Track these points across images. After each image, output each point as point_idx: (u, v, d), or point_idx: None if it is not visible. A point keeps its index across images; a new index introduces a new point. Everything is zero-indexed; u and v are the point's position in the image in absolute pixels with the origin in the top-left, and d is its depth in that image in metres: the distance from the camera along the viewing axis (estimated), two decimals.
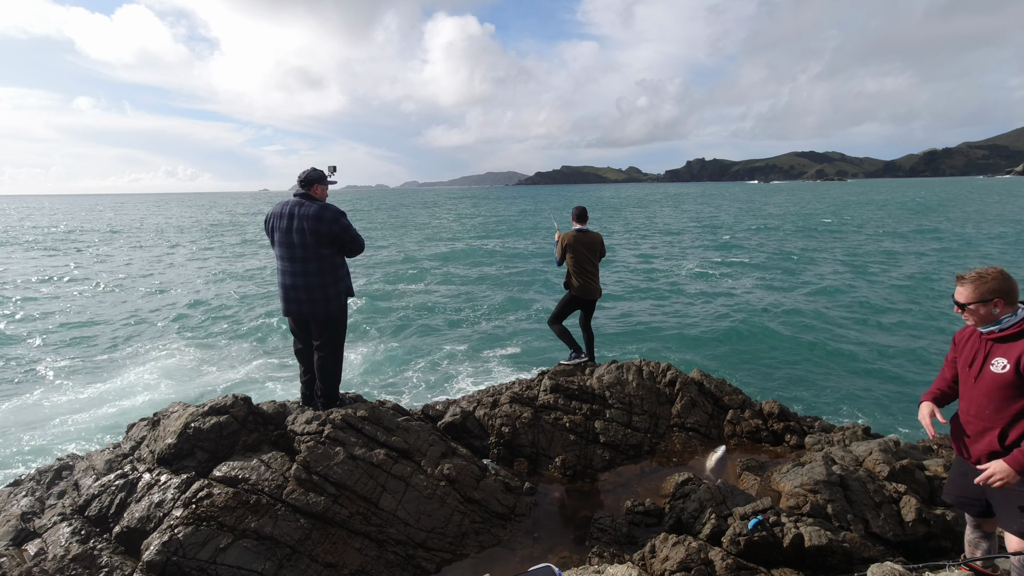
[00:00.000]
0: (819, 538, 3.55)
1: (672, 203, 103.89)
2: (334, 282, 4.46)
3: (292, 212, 4.36)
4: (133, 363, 13.74)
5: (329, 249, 4.41)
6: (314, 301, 4.43)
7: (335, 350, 4.66)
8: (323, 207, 4.35)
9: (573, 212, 6.49)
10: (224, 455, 4.24)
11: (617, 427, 5.59)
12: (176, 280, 26.15)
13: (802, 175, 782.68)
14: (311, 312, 4.49)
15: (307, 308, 4.47)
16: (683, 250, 34.75)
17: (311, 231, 4.30)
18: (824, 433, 5.64)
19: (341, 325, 4.66)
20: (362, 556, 3.85)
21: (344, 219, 4.40)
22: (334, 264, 4.45)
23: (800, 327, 15.99)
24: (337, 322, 4.61)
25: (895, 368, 12.54)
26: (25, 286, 24.48)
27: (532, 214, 77.95)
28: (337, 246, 4.46)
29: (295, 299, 4.47)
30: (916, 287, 21.13)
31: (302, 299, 4.45)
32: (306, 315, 4.52)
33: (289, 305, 4.53)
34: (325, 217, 4.31)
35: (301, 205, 4.37)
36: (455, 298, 21.43)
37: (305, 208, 4.34)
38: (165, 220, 78.54)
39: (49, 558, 3.46)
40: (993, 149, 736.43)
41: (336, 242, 4.42)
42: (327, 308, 4.47)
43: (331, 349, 4.63)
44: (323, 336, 4.60)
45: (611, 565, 3.47)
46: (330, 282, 4.44)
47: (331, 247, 4.42)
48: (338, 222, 4.36)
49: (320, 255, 4.37)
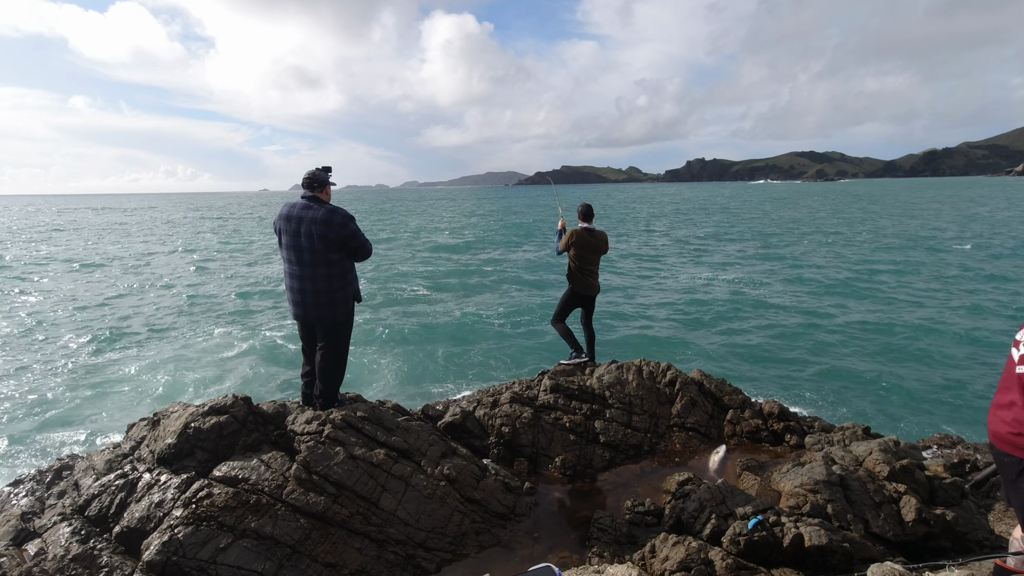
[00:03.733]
0: (819, 538, 3.55)
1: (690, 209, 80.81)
2: (343, 287, 4.45)
3: (300, 215, 4.30)
4: (132, 364, 13.74)
5: (338, 254, 4.36)
6: (321, 306, 4.42)
7: (338, 352, 4.66)
8: (332, 211, 4.29)
9: (579, 210, 6.47)
10: (224, 455, 4.24)
11: (617, 427, 5.59)
12: (176, 280, 26.16)
13: (802, 175, 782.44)
14: (317, 316, 4.47)
15: (313, 312, 4.46)
16: (689, 251, 34.74)
17: (320, 236, 4.24)
18: (824, 433, 5.64)
19: (347, 329, 4.67)
20: (362, 556, 3.85)
21: (353, 224, 4.36)
22: (343, 269, 4.42)
23: (800, 327, 15.99)
24: (343, 326, 4.62)
25: (895, 368, 12.54)
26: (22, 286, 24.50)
27: (531, 209, 77.17)
28: (345, 251, 4.42)
29: (302, 303, 4.45)
30: (917, 287, 21.13)
31: (308, 303, 4.43)
32: (312, 319, 4.51)
33: (296, 309, 4.52)
34: (334, 222, 4.25)
35: (309, 208, 4.31)
36: (455, 298, 21.43)
37: (313, 212, 4.27)
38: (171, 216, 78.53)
39: (49, 558, 3.46)
40: (993, 149, 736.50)
41: (344, 247, 4.38)
42: (334, 313, 4.46)
43: (334, 351, 4.63)
44: (328, 338, 4.60)
45: (611, 565, 3.47)
46: (338, 287, 4.42)
47: (339, 252, 4.37)
48: (347, 227, 4.31)
49: (329, 260, 4.33)
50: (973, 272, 23.92)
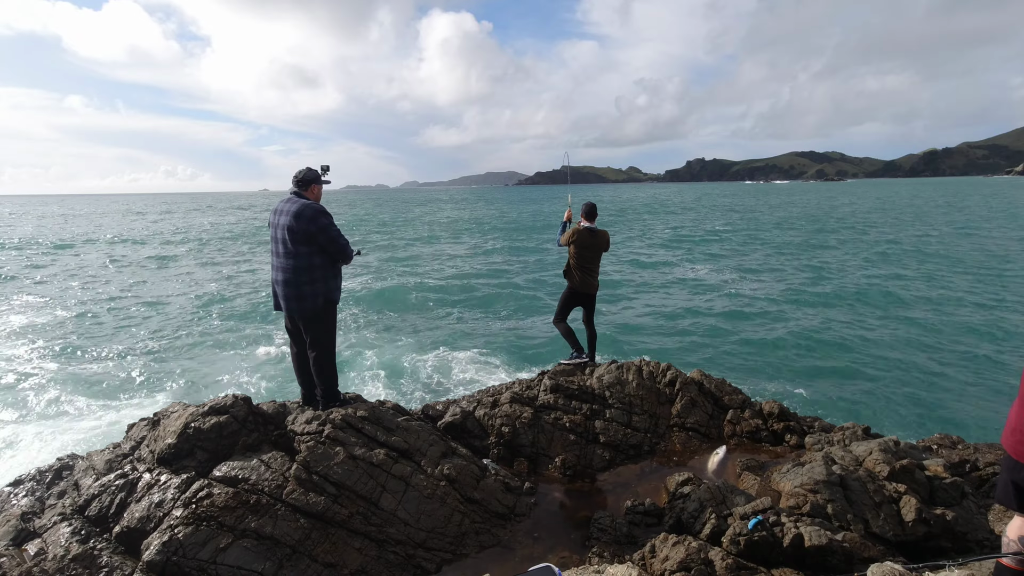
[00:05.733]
0: (819, 538, 3.54)
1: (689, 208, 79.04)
2: (309, 281, 4.47)
3: (281, 209, 4.48)
4: (133, 361, 13.74)
5: (307, 248, 4.42)
6: (289, 298, 4.52)
7: (323, 351, 4.69)
8: (304, 206, 4.40)
9: (583, 208, 6.43)
10: (224, 455, 4.24)
11: (617, 427, 5.59)
12: (175, 277, 26.16)
13: (802, 175, 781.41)
14: (287, 309, 4.59)
15: (284, 304, 4.59)
16: (688, 251, 34.72)
17: (288, 228, 4.38)
18: (824, 433, 5.64)
19: (325, 326, 4.66)
20: (362, 556, 3.85)
21: (323, 219, 4.39)
22: (310, 264, 4.45)
23: (800, 327, 15.99)
24: (319, 322, 4.61)
25: (895, 368, 12.53)
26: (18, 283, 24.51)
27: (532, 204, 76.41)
28: (316, 246, 4.45)
29: (277, 294, 4.62)
30: (919, 287, 21.12)
31: (280, 294, 4.58)
32: (286, 311, 4.64)
33: (275, 299, 4.69)
34: (303, 215, 4.36)
35: (289, 202, 4.48)
36: (455, 297, 21.43)
37: (290, 206, 4.43)
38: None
39: (49, 558, 3.46)
40: (993, 149, 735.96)
41: (312, 242, 4.41)
42: (301, 306, 4.51)
43: (319, 349, 4.67)
44: (309, 335, 4.66)
45: (611, 565, 3.47)
46: (305, 281, 4.45)
47: (309, 246, 4.42)
48: (315, 222, 4.36)
49: (297, 252, 4.41)
50: (974, 272, 23.91)
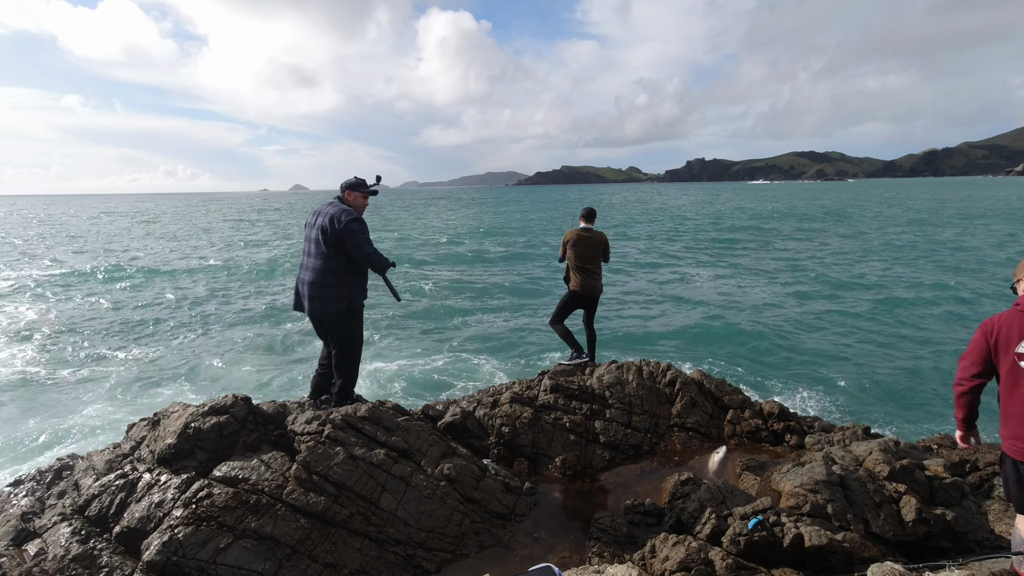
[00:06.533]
0: (819, 538, 3.54)
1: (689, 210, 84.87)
2: (335, 284, 4.56)
3: (319, 210, 4.70)
4: (133, 361, 13.74)
5: (334, 250, 4.54)
6: (313, 299, 4.60)
7: (346, 353, 4.79)
8: (341, 210, 4.55)
9: (582, 212, 6.62)
10: (224, 455, 4.24)
11: (617, 427, 5.59)
12: (175, 277, 26.16)
13: (802, 175, 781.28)
14: (310, 309, 4.65)
15: (308, 305, 4.66)
16: (689, 251, 34.74)
17: (321, 229, 4.52)
18: (824, 433, 5.64)
19: (349, 330, 4.75)
20: (362, 556, 3.85)
21: (353, 225, 4.49)
22: (338, 267, 4.56)
23: (800, 327, 15.99)
24: (342, 325, 4.70)
25: (896, 368, 12.53)
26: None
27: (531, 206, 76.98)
28: (343, 251, 4.56)
29: (301, 294, 4.72)
30: (920, 287, 21.12)
31: (304, 294, 4.67)
32: (306, 310, 4.70)
33: (296, 299, 4.80)
34: (337, 218, 4.49)
35: (329, 205, 4.66)
36: (455, 298, 21.43)
37: (328, 208, 4.61)
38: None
39: (49, 558, 3.46)
40: (993, 149, 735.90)
41: (340, 245, 4.52)
42: (323, 308, 4.58)
43: (342, 352, 4.77)
44: (332, 337, 4.77)
45: (611, 565, 3.47)
46: (330, 283, 4.55)
47: (336, 249, 4.54)
48: (346, 227, 4.46)
49: (327, 255, 4.54)
50: (975, 272, 23.91)
